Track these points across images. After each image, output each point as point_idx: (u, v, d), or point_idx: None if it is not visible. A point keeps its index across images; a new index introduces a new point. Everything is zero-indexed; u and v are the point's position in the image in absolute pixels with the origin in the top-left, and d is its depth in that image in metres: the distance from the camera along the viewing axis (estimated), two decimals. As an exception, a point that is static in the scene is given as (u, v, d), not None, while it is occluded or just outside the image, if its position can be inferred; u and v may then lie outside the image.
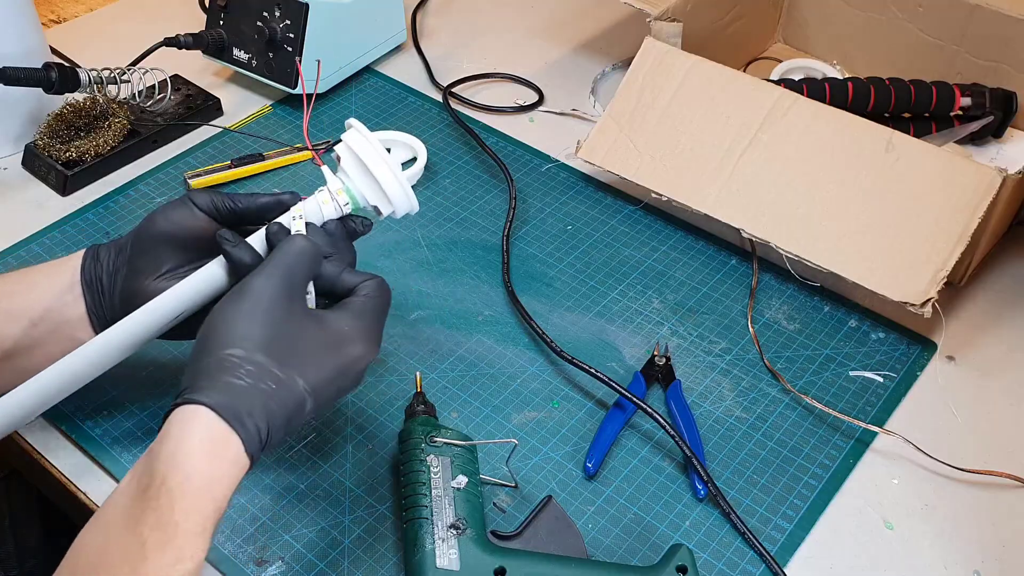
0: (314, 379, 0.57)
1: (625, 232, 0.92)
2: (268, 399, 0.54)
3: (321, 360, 0.57)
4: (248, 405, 0.53)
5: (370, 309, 0.61)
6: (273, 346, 0.56)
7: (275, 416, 0.55)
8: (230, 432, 0.53)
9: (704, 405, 0.77)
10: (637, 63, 0.92)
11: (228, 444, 0.53)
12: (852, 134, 0.83)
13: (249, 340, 0.55)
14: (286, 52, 1.02)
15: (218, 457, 0.52)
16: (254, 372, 0.54)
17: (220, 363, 0.54)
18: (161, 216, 0.67)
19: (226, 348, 0.55)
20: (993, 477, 0.72)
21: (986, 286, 0.87)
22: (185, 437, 0.52)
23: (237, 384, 0.54)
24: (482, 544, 0.62)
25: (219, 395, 0.53)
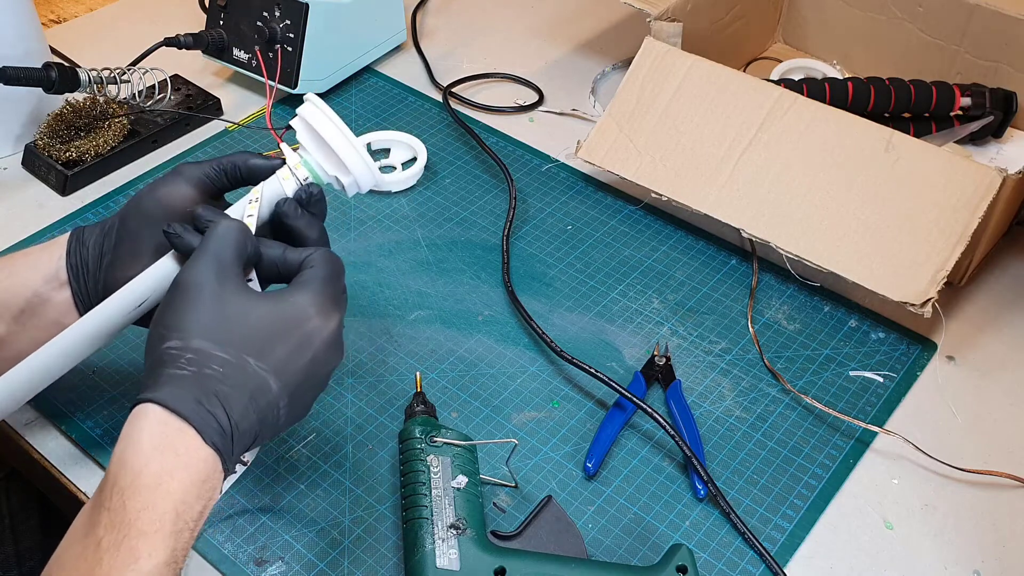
0: (268, 357, 0.55)
1: (625, 232, 0.92)
2: (217, 383, 0.53)
3: (270, 336, 0.55)
4: (194, 392, 0.52)
5: (317, 277, 0.58)
6: (211, 330, 0.54)
7: (230, 398, 0.53)
8: (181, 422, 0.51)
9: (704, 405, 0.77)
10: (637, 63, 0.92)
11: (181, 435, 0.51)
12: (852, 134, 0.83)
13: (183, 330, 0.54)
14: (286, 52, 1.02)
15: (169, 450, 0.51)
16: (195, 359, 0.53)
17: (160, 358, 0.53)
18: (149, 196, 0.64)
19: (164, 343, 0.54)
20: (993, 477, 0.72)
21: (986, 286, 0.87)
22: (133, 435, 0.51)
23: (178, 374, 0.52)
24: (482, 544, 0.62)
25: (162, 388, 0.52)
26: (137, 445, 0.51)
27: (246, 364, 0.54)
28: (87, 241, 0.66)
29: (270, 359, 0.55)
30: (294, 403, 0.56)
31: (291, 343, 0.56)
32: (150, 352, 0.55)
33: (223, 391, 0.53)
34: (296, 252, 0.60)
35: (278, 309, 0.56)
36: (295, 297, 0.57)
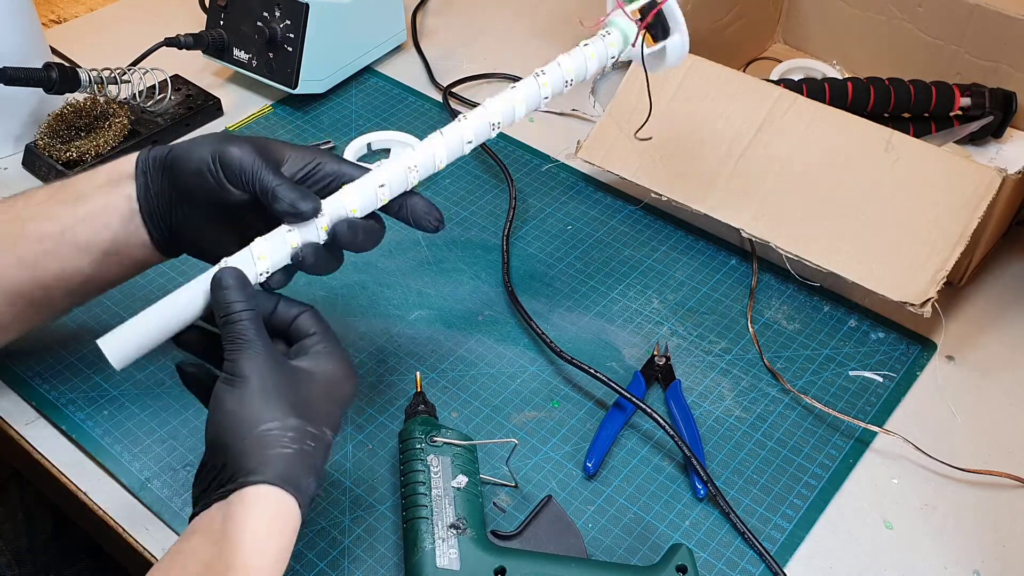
0: (332, 424, 0.59)
1: (625, 232, 0.92)
2: (312, 457, 0.56)
3: (327, 404, 0.59)
4: (300, 468, 0.55)
5: (335, 344, 0.62)
6: (297, 408, 0.57)
7: (319, 471, 0.57)
8: (291, 500, 0.55)
9: (704, 405, 0.77)
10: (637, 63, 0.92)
11: (292, 512, 0.55)
12: (852, 134, 0.83)
13: (276, 411, 0.56)
14: (286, 52, 1.02)
15: (285, 528, 0.54)
16: (295, 437, 0.56)
17: (260, 440, 0.55)
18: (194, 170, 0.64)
19: (258, 426, 0.56)
20: (993, 477, 0.72)
21: (986, 286, 0.87)
22: (252, 517, 0.53)
23: (285, 452, 0.55)
24: (482, 544, 0.62)
25: (274, 469, 0.54)
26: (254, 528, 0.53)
27: (325, 436, 0.58)
28: (154, 186, 0.67)
29: (332, 425, 0.59)
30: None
31: (337, 407, 0.60)
32: (236, 439, 0.56)
33: (317, 465, 0.57)
34: (287, 307, 0.63)
35: (323, 380, 0.60)
36: (329, 368, 0.61)
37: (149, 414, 0.75)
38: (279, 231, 0.63)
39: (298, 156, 0.66)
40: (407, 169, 0.65)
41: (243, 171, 0.63)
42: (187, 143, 0.66)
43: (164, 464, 0.72)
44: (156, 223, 0.67)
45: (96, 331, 0.80)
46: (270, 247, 0.62)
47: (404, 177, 0.65)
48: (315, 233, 0.63)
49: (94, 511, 0.70)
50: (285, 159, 0.66)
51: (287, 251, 0.62)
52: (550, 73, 0.69)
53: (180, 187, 0.66)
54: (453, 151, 0.67)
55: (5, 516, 0.91)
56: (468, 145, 0.68)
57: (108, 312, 0.83)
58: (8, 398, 0.77)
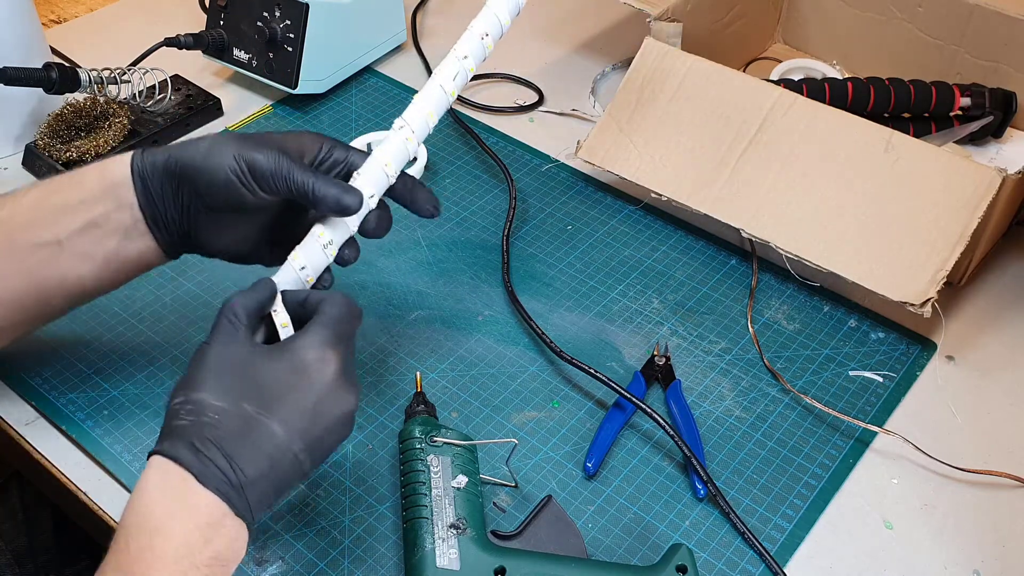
0: (268, 404, 0.56)
1: (625, 232, 0.92)
2: (212, 430, 0.54)
3: (272, 384, 0.56)
4: (191, 439, 0.54)
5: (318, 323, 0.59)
6: (210, 384, 0.56)
7: (228, 444, 0.54)
8: (181, 470, 0.53)
9: (704, 405, 0.77)
10: (637, 63, 0.92)
11: (183, 482, 0.53)
12: (852, 134, 0.83)
13: (187, 387, 0.56)
14: (286, 52, 1.02)
15: (170, 495, 0.53)
16: (193, 409, 0.55)
17: (168, 415, 0.56)
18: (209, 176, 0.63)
19: (172, 400, 0.57)
20: (993, 477, 0.72)
21: (986, 286, 0.87)
22: (140, 483, 0.54)
23: (178, 424, 0.55)
24: (482, 544, 0.62)
25: (164, 439, 0.55)
26: (142, 492, 0.54)
27: (242, 411, 0.55)
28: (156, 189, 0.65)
29: (272, 405, 0.56)
30: (313, 448, 0.58)
31: (293, 390, 0.57)
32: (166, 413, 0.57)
33: (219, 436, 0.54)
34: (316, 295, 0.62)
35: (279, 358, 0.58)
36: (295, 344, 0.58)
37: (149, 414, 0.75)
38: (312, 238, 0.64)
39: (311, 145, 0.66)
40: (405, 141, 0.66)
41: (275, 176, 0.63)
42: (195, 149, 0.64)
43: (164, 464, 0.72)
44: (163, 229, 0.67)
45: (97, 332, 0.81)
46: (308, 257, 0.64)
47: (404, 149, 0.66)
48: (347, 231, 0.65)
49: (94, 511, 0.70)
50: (305, 151, 0.66)
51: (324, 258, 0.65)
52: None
53: (202, 197, 0.64)
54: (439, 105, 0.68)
55: (5, 516, 0.91)
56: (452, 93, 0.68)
57: (108, 312, 0.83)
58: (8, 398, 0.77)
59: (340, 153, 0.66)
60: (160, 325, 0.82)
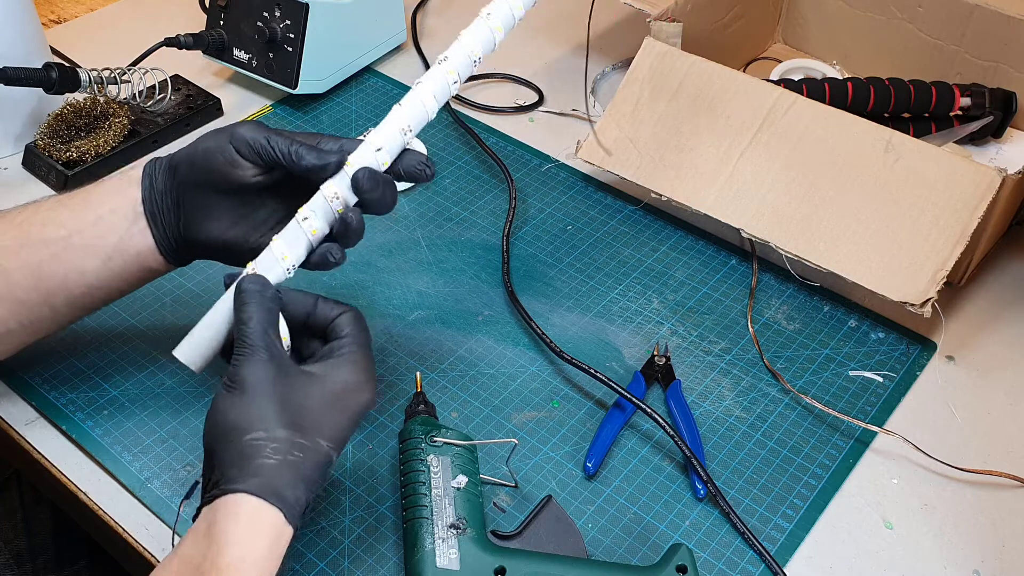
0: (332, 434, 0.58)
1: (625, 232, 0.92)
2: (299, 467, 0.56)
3: (331, 414, 0.59)
4: (283, 479, 0.55)
5: (356, 350, 0.61)
6: (287, 418, 0.57)
7: (310, 480, 0.57)
8: (272, 509, 0.54)
9: (704, 405, 0.77)
10: (637, 63, 0.92)
11: (273, 521, 0.55)
12: (852, 134, 0.83)
13: (264, 420, 0.57)
14: (286, 52, 1.02)
15: (264, 535, 0.54)
16: (280, 448, 0.56)
17: (244, 450, 0.56)
18: (203, 160, 0.66)
19: (245, 435, 0.56)
20: (993, 477, 0.72)
21: (986, 286, 0.87)
22: (231, 524, 0.54)
23: (268, 463, 0.55)
24: (482, 544, 0.62)
25: (255, 479, 0.55)
26: (234, 534, 0.54)
27: (319, 446, 0.58)
28: (158, 186, 0.68)
29: (332, 435, 0.59)
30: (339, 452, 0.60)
31: (345, 416, 0.60)
32: (225, 444, 0.57)
33: (305, 474, 0.56)
34: (327, 307, 0.63)
35: (333, 388, 0.60)
36: (343, 375, 0.60)
37: (149, 414, 0.75)
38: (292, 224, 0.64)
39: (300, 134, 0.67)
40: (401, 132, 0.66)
41: (256, 141, 0.64)
42: (194, 143, 0.67)
43: (164, 464, 0.72)
44: (160, 224, 0.68)
45: (97, 332, 0.81)
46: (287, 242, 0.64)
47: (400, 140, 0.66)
48: (331, 214, 0.64)
49: (94, 511, 0.70)
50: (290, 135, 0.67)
51: (305, 241, 0.64)
52: None
53: (187, 178, 0.66)
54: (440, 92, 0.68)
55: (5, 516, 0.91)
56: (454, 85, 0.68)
57: (108, 312, 0.83)
58: (8, 398, 0.77)
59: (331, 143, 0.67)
60: (160, 325, 0.82)
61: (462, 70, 0.67)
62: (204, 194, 0.66)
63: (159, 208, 0.68)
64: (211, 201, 0.66)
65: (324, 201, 0.64)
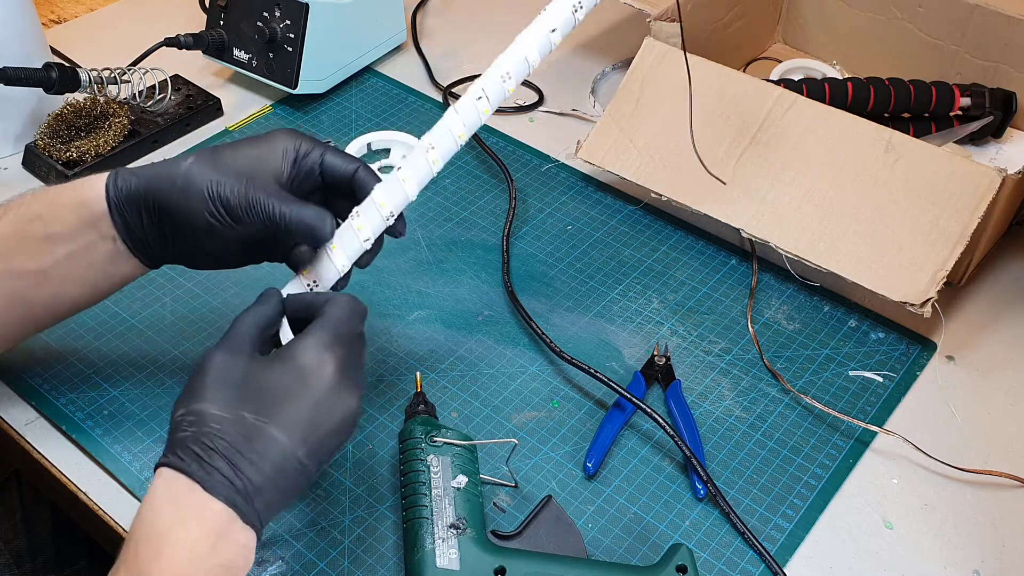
0: (268, 411, 0.56)
1: (625, 232, 0.92)
2: (215, 439, 0.55)
3: (271, 391, 0.57)
4: (195, 450, 0.55)
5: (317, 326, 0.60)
6: (210, 396, 0.56)
7: (232, 453, 0.55)
8: (187, 480, 0.54)
9: (704, 405, 0.77)
10: (637, 63, 0.92)
11: (190, 491, 0.54)
12: (852, 134, 0.83)
13: (188, 400, 0.57)
14: (286, 52, 1.02)
15: (177, 505, 0.54)
16: (195, 420, 0.56)
17: (172, 425, 0.57)
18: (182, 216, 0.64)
19: (175, 413, 0.57)
20: (993, 477, 0.72)
21: (986, 286, 0.87)
22: (148, 495, 0.55)
23: (182, 436, 0.55)
24: (482, 544, 0.62)
25: (169, 451, 0.55)
26: (150, 502, 0.54)
27: (243, 419, 0.56)
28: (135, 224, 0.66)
29: (271, 412, 0.56)
30: (316, 451, 0.58)
31: (292, 395, 0.57)
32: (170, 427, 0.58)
33: (222, 446, 0.55)
34: (320, 298, 0.63)
35: (277, 365, 0.58)
36: (292, 349, 0.59)
37: (149, 414, 0.75)
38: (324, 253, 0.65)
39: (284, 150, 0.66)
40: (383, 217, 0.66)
41: (247, 211, 0.63)
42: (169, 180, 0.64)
43: (164, 464, 0.72)
44: (147, 253, 0.67)
45: (97, 332, 0.81)
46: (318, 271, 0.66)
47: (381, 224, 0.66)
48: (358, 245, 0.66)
49: (94, 511, 0.70)
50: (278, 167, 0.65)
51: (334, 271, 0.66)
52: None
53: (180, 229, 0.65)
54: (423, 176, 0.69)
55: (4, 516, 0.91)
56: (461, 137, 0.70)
57: (108, 313, 0.83)
58: (8, 398, 0.77)
59: (314, 156, 0.66)
60: (160, 325, 0.82)
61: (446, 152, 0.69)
62: (199, 236, 0.65)
63: (141, 242, 0.66)
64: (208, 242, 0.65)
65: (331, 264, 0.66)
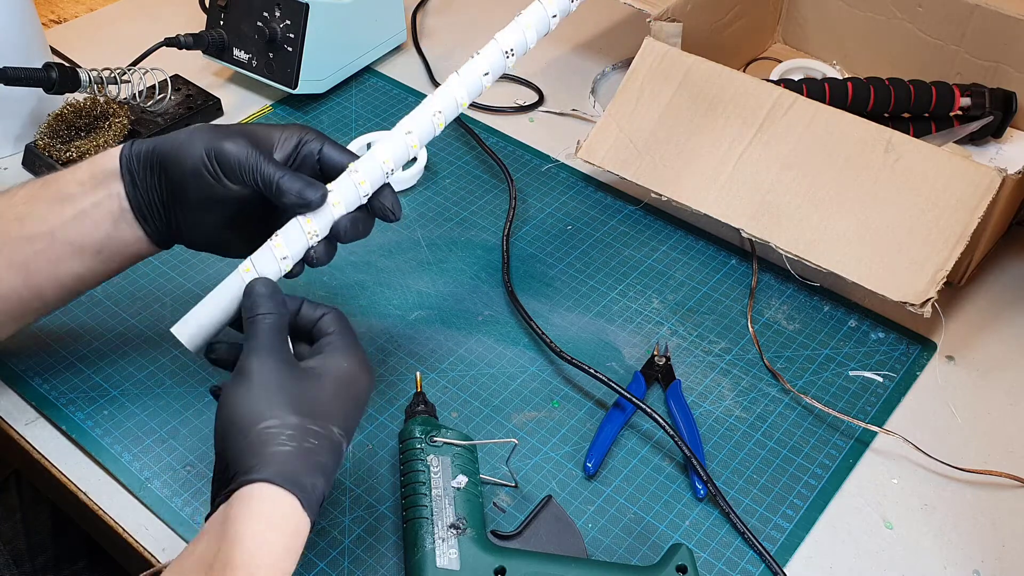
0: (342, 422, 0.59)
1: (625, 232, 0.92)
2: (315, 455, 0.56)
3: (340, 403, 0.59)
4: (300, 466, 0.55)
5: (348, 342, 0.62)
6: (299, 406, 0.57)
7: (326, 468, 0.56)
8: (289, 497, 0.54)
9: (704, 405, 0.77)
10: (637, 63, 0.92)
11: (290, 511, 0.54)
12: (852, 134, 0.83)
13: (276, 409, 0.56)
14: (286, 52, 1.02)
15: (280, 528, 0.53)
16: (295, 435, 0.56)
17: (259, 438, 0.55)
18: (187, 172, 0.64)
19: (258, 424, 0.56)
20: (993, 477, 0.72)
21: (986, 286, 0.87)
22: (250, 516, 0.53)
23: (283, 450, 0.55)
24: (482, 544, 0.62)
25: (272, 466, 0.54)
26: (249, 527, 0.52)
27: (332, 433, 0.57)
28: (142, 184, 0.67)
29: (343, 423, 0.59)
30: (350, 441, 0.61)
31: (352, 404, 0.60)
32: (239, 435, 0.56)
33: (321, 462, 0.56)
34: (311, 309, 0.64)
35: (338, 378, 0.60)
36: (341, 364, 0.61)
37: (149, 414, 0.75)
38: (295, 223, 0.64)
39: (287, 136, 0.67)
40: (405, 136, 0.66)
41: (242, 167, 0.64)
42: (174, 139, 0.66)
43: (164, 464, 0.72)
44: (149, 218, 0.68)
45: (97, 332, 0.81)
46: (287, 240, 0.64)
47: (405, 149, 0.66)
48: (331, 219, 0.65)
49: (94, 511, 0.70)
50: (276, 143, 0.66)
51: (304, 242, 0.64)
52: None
53: (176, 187, 0.66)
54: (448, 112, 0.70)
55: (4, 516, 0.91)
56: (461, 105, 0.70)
57: (109, 312, 0.83)
58: (8, 398, 0.77)
59: (314, 144, 0.67)
60: (160, 325, 0.82)
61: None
62: (191, 198, 0.66)
63: (145, 204, 0.67)
64: (200, 205, 0.66)
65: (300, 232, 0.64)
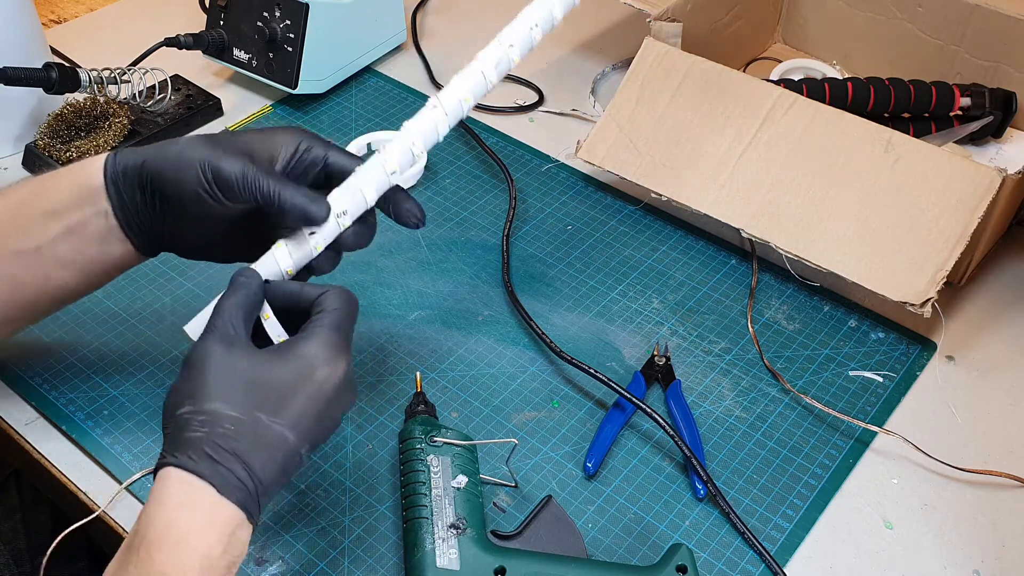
0: (281, 412, 0.56)
1: (625, 232, 0.92)
2: (230, 441, 0.54)
3: (282, 391, 0.56)
4: (209, 451, 0.54)
5: (324, 324, 0.59)
6: (221, 393, 0.55)
7: (248, 455, 0.54)
8: (201, 482, 0.53)
9: (704, 405, 0.77)
10: (637, 63, 0.92)
11: (203, 494, 0.53)
12: (852, 134, 0.83)
13: (195, 396, 0.56)
14: (286, 52, 1.02)
15: (191, 508, 0.53)
16: (207, 420, 0.55)
17: (176, 425, 0.55)
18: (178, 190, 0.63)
19: (177, 410, 0.56)
20: (993, 477, 0.72)
21: (986, 286, 0.87)
22: (159, 496, 0.54)
23: (193, 436, 0.54)
24: (482, 544, 0.62)
25: (179, 452, 0.54)
26: (162, 504, 0.53)
27: (258, 420, 0.55)
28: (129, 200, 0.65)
29: (284, 413, 0.56)
30: (314, 445, 0.58)
31: (303, 395, 0.57)
32: (166, 421, 0.57)
33: (239, 448, 0.55)
34: (312, 289, 0.61)
35: (286, 364, 0.57)
36: (302, 349, 0.58)
37: (149, 414, 0.75)
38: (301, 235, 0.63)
39: (284, 143, 0.65)
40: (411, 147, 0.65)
41: (242, 186, 0.61)
42: (164, 155, 0.63)
43: (164, 464, 0.72)
44: (139, 234, 0.66)
45: (97, 332, 0.81)
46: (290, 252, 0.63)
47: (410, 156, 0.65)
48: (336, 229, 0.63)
49: (94, 511, 0.70)
50: (274, 154, 0.64)
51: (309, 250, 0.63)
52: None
53: (171, 206, 0.64)
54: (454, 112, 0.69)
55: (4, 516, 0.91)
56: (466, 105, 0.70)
57: (108, 312, 0.83)
58: (8, 398, 0.77)
59: (318, 151, 0.65)
60: (160, 325, 0.82)
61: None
62: (189, 215, 0.64)
63: (135, 222, 0.65)
64: (197, 222, 0.65)
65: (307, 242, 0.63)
